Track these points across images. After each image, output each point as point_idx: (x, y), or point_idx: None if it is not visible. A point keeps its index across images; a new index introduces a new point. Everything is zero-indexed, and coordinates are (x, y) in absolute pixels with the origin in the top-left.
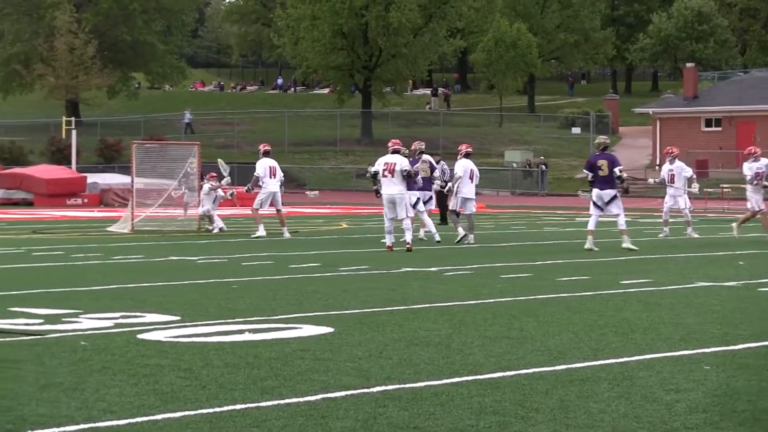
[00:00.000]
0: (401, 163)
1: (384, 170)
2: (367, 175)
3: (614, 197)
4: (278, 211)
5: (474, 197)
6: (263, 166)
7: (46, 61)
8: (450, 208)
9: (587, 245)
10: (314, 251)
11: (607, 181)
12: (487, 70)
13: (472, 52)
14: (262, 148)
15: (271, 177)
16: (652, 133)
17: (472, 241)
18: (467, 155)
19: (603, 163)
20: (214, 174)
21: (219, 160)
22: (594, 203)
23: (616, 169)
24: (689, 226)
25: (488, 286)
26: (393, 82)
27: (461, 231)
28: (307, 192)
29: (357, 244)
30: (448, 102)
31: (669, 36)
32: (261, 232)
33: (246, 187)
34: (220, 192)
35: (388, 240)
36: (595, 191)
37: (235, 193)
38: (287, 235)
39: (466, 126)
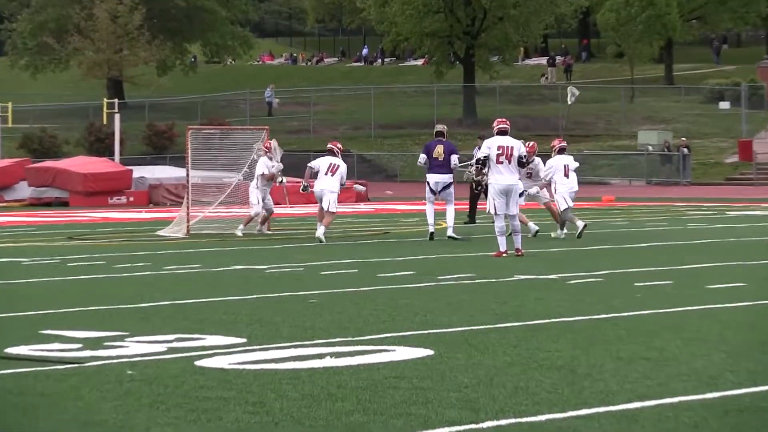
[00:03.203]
0: (518, 146)
1: (499, 155)
2: (462, 166)
3: None
4: (326, 211)
5: (570, 194)
6: (323, 160)
7: (84, 32)
8: (561, 209)
9: None
10: (408, 256)
11: None
12: (615, 33)
13: (596, 12)
14: (328, 145)
15: (327, 173)
16: None
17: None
18: (561, 151)
19: None
20: (268, 144)
21: (273, 141)
22: None
23: None
24: None
25: (621, 296)
26: (501, 51)
27: (580, 223)
28: (355, 186)
29: (459, 246)
30: (569, 73)
31: None
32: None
33: (301, 186)
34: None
35: (501, 244)
36: None
37: (285, 181)
38: (321, 234)
39: (590, 102)
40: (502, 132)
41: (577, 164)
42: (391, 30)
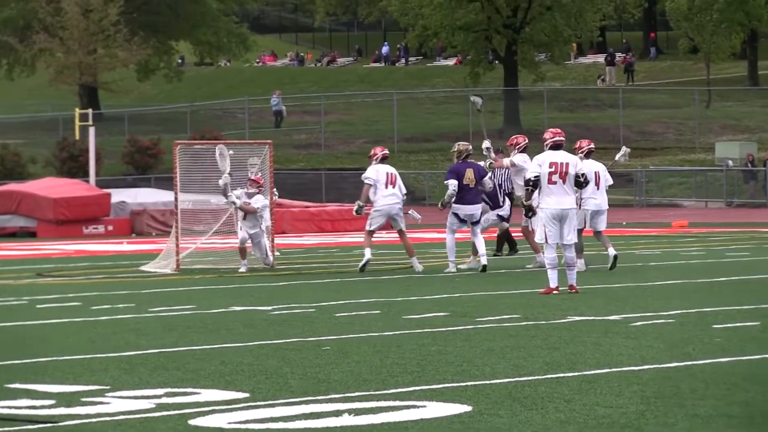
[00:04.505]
0: (574, 163)
1: (551, 173)
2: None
3: None
4: (401, 232)
5: (606, 208)
6: (376, 172)
7: (51, 31)
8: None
9: None
10: (440, 294)
11: None
12: (688, 24)
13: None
14: (379, 152)
15: (388, 186)
16: None
17: (582, 268)
18: (589, 154)
19: None
20: (256, 178)
21: (219, 146)
22: None
23: None
24: None
25: (697, 340)
26: (549, 47)
27: (612, 251)
28: (410, 212)
29: (502, 282)
30: (631, 73)
31: None
32: (367, 255)
33: (355, 206)
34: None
35: (552, 279)
36: None
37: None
38: (419, 267)
39: (657, 107)
40: (557, 146)
41: (609, 179)
42: (417, 23)
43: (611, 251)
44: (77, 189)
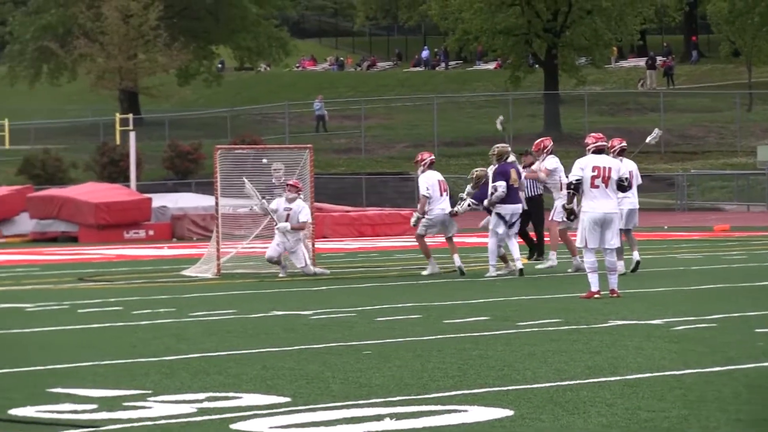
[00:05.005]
0: (617, 167)
1: (594, 177)
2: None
3: None
4: (449, 239)
5: (631, 212)
6: (429, 181)
7: (91, 35)
8: None
9: None
10: (481, 298)
11: None
12: (729, 28)
13: (705, 2)
14: (427, 158)
15: (441, 194)
16: None
17: (621, 270)
18: (621, 153)
19: None
20: (294, 183)
21: (245, 180)
22: None
23: None
24: None
25: (740, 344)
26: (589, 51)
27: (636, 255)
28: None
29: (543, 286)
30: (671, 77)
31: None
32: (433, 268)
33: (412, 217)
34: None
35: (593, 284)
36: None
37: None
38: (458, 261)
39: (697, 111)
40: (599, 150)
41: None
42: (457, 27)
43: (635, 255)
44: (118, 194)
